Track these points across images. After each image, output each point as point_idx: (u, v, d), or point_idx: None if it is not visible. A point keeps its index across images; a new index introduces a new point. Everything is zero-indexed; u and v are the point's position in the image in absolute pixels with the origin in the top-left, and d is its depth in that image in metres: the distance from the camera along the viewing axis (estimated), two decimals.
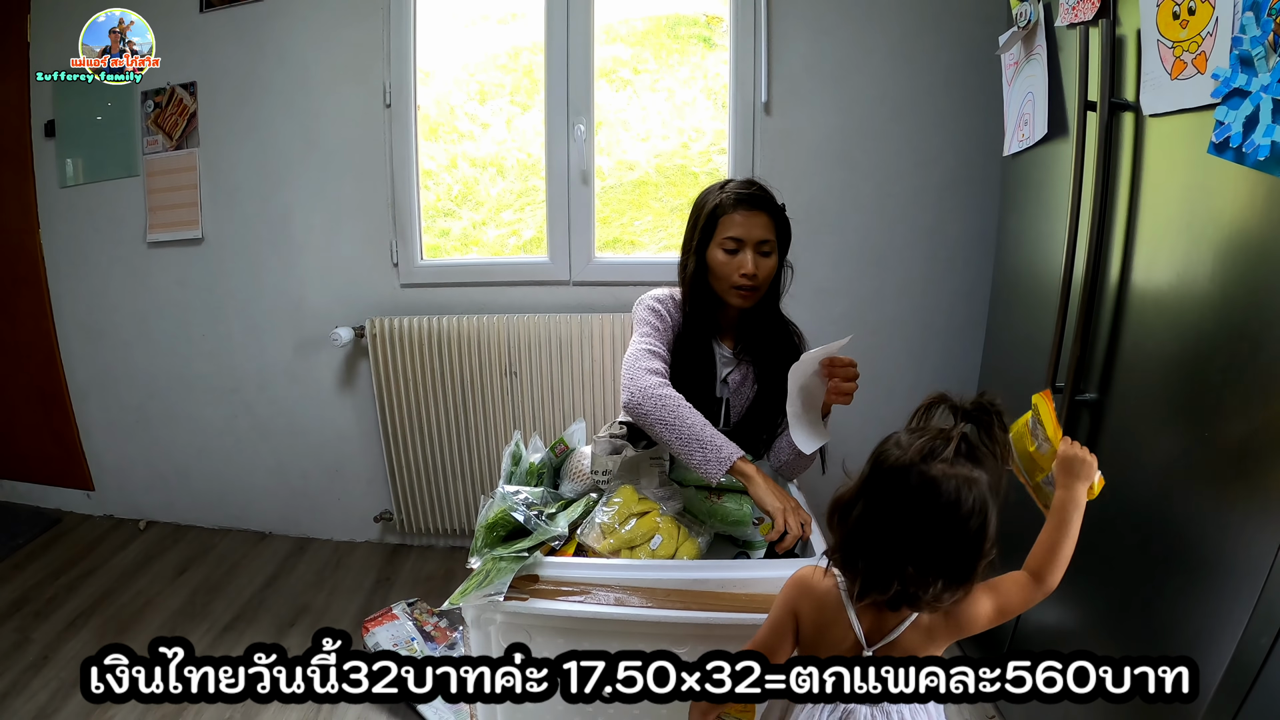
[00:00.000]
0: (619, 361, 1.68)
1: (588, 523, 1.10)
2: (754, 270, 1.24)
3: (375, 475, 2.37)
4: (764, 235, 1.25)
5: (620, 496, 1.13)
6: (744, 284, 1.25)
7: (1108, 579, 1.20)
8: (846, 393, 1.16)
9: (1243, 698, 0.90)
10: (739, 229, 1.24)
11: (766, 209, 1.26)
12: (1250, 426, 0.90)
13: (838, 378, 1.15)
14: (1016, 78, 1.54)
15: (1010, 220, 1.68)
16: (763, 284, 1.27)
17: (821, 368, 1.16)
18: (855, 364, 1.15)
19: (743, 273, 1.23)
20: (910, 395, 1.02)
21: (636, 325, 1.32)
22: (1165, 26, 1.03)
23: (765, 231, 1.25)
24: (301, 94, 2.17)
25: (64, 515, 2.59)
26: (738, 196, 1.25)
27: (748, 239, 1.24)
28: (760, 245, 1.25)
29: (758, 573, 1.00)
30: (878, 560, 0.78)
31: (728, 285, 1.26)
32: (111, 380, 2.48)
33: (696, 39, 2.24)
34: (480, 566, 0.97)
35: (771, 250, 1.27)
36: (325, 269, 2.26)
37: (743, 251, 1.24)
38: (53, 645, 1.85)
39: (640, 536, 1.08)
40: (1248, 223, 0.93)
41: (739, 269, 1.24)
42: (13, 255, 2.45)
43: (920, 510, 0.76)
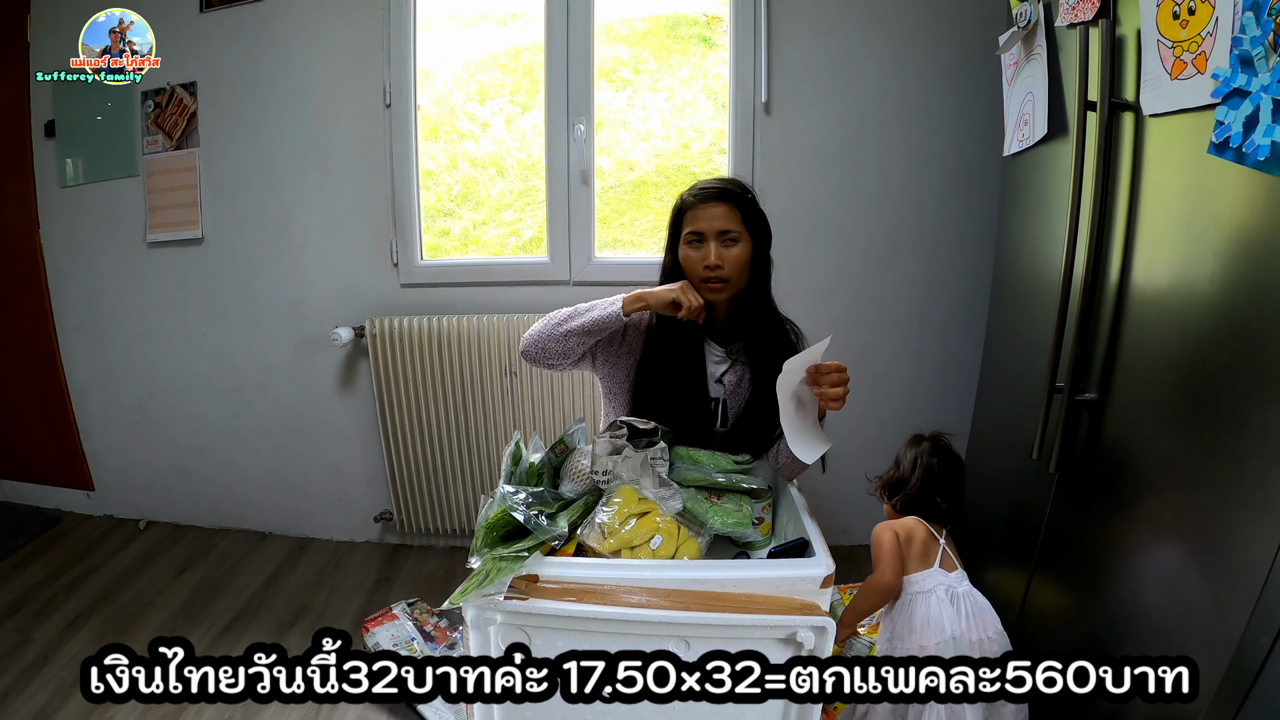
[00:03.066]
0: None
1: (588, 523, 1.10)
2: (716, 260, 1.23)
3: (375, 475, 2.38)
4: (725, 225, 1.24)
5: (620, 497, 1.13)
6: (709, 275, 1.24)
7: (1108, 579, 1.20)
8: (837, 398, 1.13)
9: (1243, 698, 0.90)
10: (700, 222, 1.25)
11: (728, 199, 1.25)
12: (1250, 426, 0.90)
13: (824, 384, 1.12)
14: (1016, 78, 1.54)
15: (1010, 220, 1.68)
16: (732, 274, 1.25)
17: (808, 375, 1.14)
18: (844, 367, 1.13)
19: (705, 264, 1.23)
20: (910, 395, 1.02)
21: None
22: (1165, 26, 1.03)
23: (726, 221, 1.24)
24: (301, 94, 2.17)
25: (64, 515, 2.59)
26: (698, 191, 1.27)
27: (709, 231, 1.24)
28: (723, 235, 1.24)
29: (758, 573, 1.00)
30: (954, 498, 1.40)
31: (698, 280, 1.26)
32: (111, 380, 2.48)
33: (696, 39, 2.24)
34: (480, 566, 0.97)
35: (739, 239, 1.25)
36: (325, 269, 2.26)
37: (706, 242, 1.24)
38: (53, 645, 1.85)
39: (640, 537, 1.08)
40: (1248, 223, 0.93)
41: (703, 260, 1.24)
42: (13, 255, 2.45)
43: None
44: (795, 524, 1.18)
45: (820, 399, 1.15)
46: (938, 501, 1.37)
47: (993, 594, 1.59)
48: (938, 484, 1.38)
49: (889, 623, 1.33)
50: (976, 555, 1.54)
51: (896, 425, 1.89)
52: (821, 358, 1.13)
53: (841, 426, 1.56)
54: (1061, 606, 1.37)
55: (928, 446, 1.41)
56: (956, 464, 1.42)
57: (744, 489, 1.19)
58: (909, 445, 1.45)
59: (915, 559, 1.32)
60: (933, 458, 1.40)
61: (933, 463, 1.39)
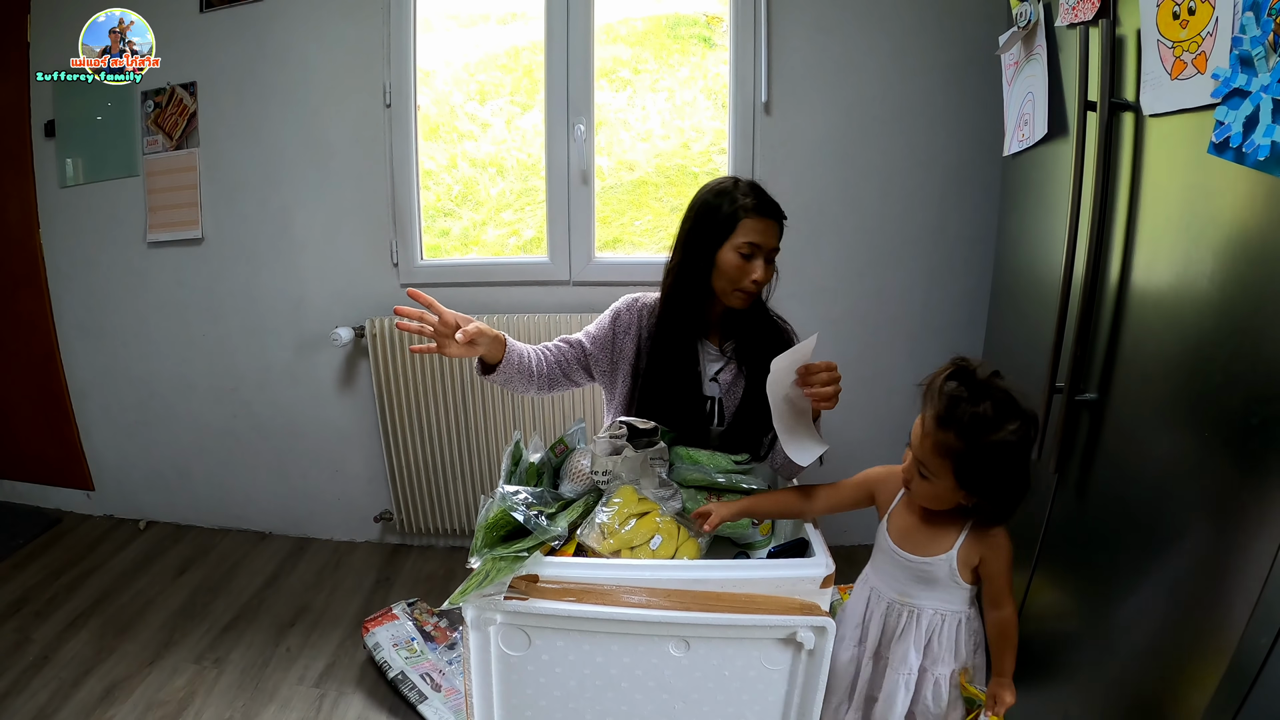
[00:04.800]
0: None
1: (588, 523, 1.10)
2: (766, 278, 1.25)
3: (375, 475, 2.38)
4: (776, 244, 1.26)
5: (620, 497, 1.13)
6: (751, 289, 1.25)
7: (1108, 579, 1.20)
8: (829, 397, 1.13)
9: (1243, 698, 0.90)
10: (759, 236, 1.23)
11: (779, 219, 1.27)
12: (1250, 426, 0.90)
13: (815, 384, 1.12)
14: (1016, 78, 1.54)
15: (1010, 220, 1.68)
16: (762, 289, 1.29)
17: (798, 376, 1.13)
18: (834, 366, 1.13)
19: (754, 279, 1.23)
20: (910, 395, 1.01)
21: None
22: (1165, 26, 1.03)
23: (777, 241, 1.26)
24: (301, 94, 2.17)
25: (64, 515, 2.59)
26: (759, 203, 1.25)
27: (764, 246, 1.24)
28: (771, 254, 1.26)
29: (758, 573, 1.00)
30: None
31: (732, 288, 1.26)
32: (111, 380, 2.48)
33: (696, 39, 2.24)
34: (480, 566, 0.97)
35: (774, 257, 1.28)
36: (325, 269, 2.26)
37: (757, 258, 1.24)
38: (53, 645, 1.85)
39: (640, 537, 1.08)
40: (1248, 223, 0.93)
41: (751, 274, 1.23)
42: (13, 255, 2.45)
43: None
44: (795, 524, 1.18)
45: (812, 399, 1.14)
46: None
47: None
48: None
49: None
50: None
51: (896, 425, 1.88)
52: (811, 355, 1.13)
53: (841, 426, 1.56)
54: (1062, 606, 1.37)
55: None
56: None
57: (744, 489, 1.19)
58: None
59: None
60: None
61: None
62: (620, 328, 1.35)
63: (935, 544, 1.06)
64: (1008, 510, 1.01)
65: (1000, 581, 1.06)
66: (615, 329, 1.35)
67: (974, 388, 0.96)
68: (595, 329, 1.36)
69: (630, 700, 1.03)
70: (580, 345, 1.35)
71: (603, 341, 1.35)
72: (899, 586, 1.09)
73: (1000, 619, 1.08)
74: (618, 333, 1.35)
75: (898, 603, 1.09)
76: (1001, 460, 0.95)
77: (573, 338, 1.36)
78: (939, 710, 1.08)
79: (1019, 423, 0.95)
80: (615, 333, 1.35)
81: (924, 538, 1.07)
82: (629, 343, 1.34)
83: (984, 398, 0.95)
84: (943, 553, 1.05)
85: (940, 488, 1.00)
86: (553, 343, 1.36)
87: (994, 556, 1.04)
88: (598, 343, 1.35)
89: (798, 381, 1.13)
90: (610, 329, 1.35)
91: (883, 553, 1.11)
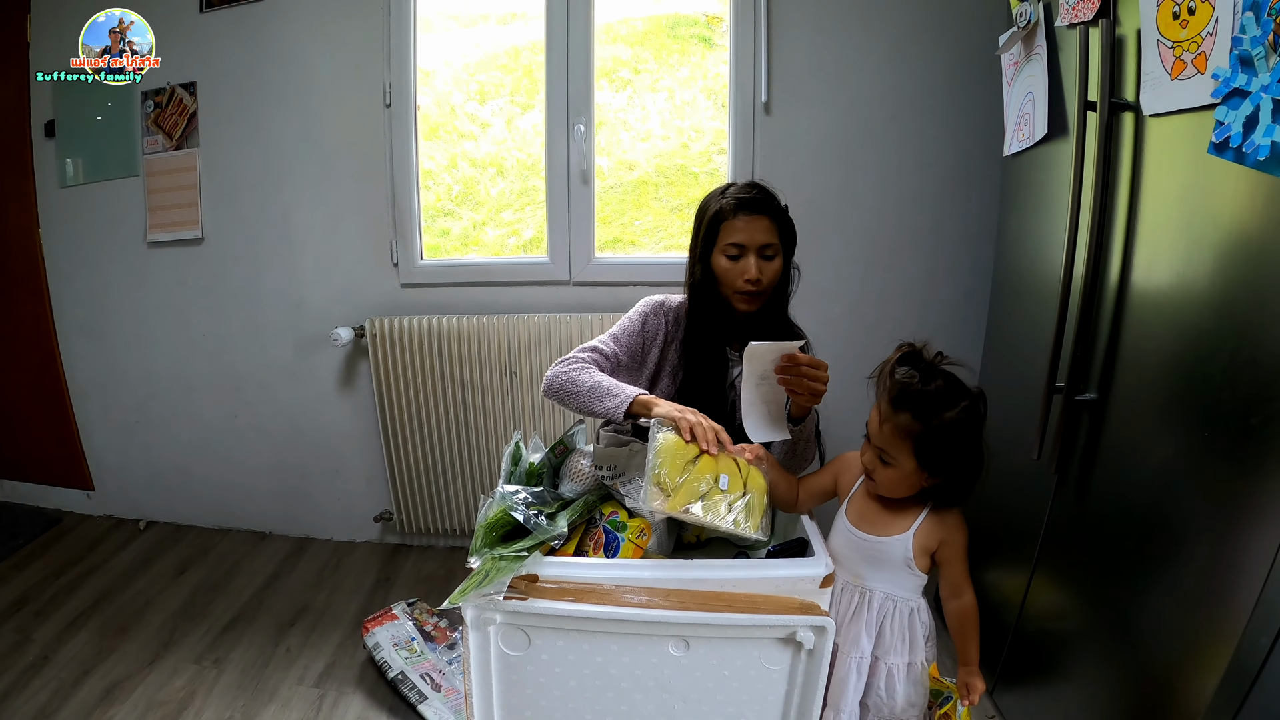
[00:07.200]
0: None
1: (633, 491, 1.02)
2: (757, 275, 1.23)
3: (375, 475, 2.38)
4: (766, 239, 1.24)
5: (660, 455, 1.00)
6: (748, 289, 1.24)
7: (1108, 579, 1.20)
8: (816, 393, 1.14)
9: (1243, 698, 0.90)
10: (741, 234, 1.23)
11: (768, 212, 1.24)
12: (1250, 426, 0.90)
13: (794, 375, 1.13)
14: (1016, 78, 1.54)
15: (1010, 220, 1.68)
16: (767, 288, 1.26)
17: (781, 361, 1.14)
18: (824, 365, 1.14)
19: (746, 278, 1.23)
20: None
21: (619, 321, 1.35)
22: (1165, 26, 1.03)
23: (768, 235, 1.24)
24: (301, 94, 2.17)
25: (64, 515, 2.59)
26: (738, 201, 1.24)
27: (750, 244, 1.23)
28: (763, 249, 1.24)
29: (757, 573, 1.00)
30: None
31: (732, 291, 1.26)
32: (111, 380, 2.48)
33: (696, 39, 2.24)
34: (480, 566, 0.97)
35: (775, 254, 1.25)
36: (325, 269, 2.26)
37: (745, 257, 1.23)
38: (53, 645, 1.85)
39: (706, 481, 1.00)
40: (1248, 223, 0.93)
41: (742, 274, 1.23)
42: (13, 255, 2.45)
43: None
44: (795, 523, 1.18)
45: (785, 387, 1.15)
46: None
47: (993, 594, 1.59)
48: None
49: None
50: (976, 555, 1.54)
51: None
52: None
53: (841, 426, 1.56)
54: (1061, 606, 1.37)
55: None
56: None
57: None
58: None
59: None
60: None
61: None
62: (649, 334, 1.33)
63: (892, 525, 1.08)
64: (965, 489, 1.04)
65: (959, 566, 1.08)
66: (644, 335, 1.33)
67: (924, 370, 1.01)
68: (625, 337, 1.32)
69: (630, 700, 1.03)
70: (616, 358, 1.30)
71: (634, 351, 1.33)
72: (852, 567, 1.11)
73: (961, 606, 1.09)
74: (646, 339, 1.33)
75: (851, 585, 1.11)
76: (958, 436, 0.99)
77: (604, 348, 1.30)
78: (891, 701, 1.09)
79: (969, 399, 1.00)
80: (644, 340, 1.33)
81: (882, 520, 1.09)
82: (655, 349, 1.34)
83: (934, 377, 1.01)
84: (899, 533, 1.06)
85: (903, 472, 1.03)
86: (586, 354, 1.27)
87: (953, 539, 1.06)
88: (630, 352, 1.32)
89: (777, 369, 1.14)
90: (640, 336, 1.33)
91: (839, 534, 1.13)
